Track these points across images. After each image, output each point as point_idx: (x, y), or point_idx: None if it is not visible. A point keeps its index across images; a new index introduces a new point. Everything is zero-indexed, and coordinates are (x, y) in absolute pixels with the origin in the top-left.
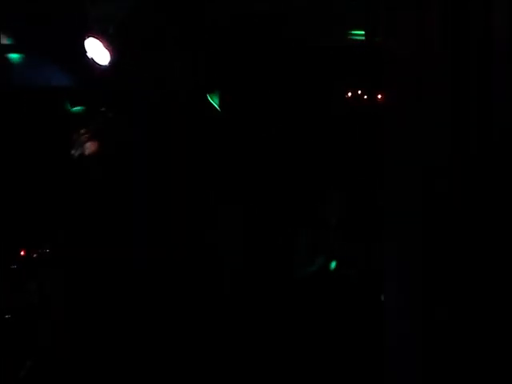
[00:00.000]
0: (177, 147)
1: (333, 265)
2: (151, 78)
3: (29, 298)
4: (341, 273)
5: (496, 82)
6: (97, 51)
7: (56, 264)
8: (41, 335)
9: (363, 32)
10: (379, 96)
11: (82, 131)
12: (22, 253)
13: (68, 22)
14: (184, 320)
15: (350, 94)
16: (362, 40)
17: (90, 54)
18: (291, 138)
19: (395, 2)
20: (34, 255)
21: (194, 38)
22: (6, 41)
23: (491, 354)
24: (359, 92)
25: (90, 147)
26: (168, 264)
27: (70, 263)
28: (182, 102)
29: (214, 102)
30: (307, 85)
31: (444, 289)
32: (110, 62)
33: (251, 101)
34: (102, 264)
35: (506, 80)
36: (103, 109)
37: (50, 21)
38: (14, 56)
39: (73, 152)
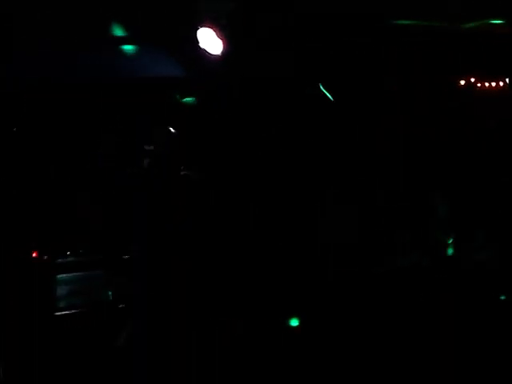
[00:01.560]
0: None
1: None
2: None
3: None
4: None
5: None
6: (209, 41)
7: None
8: None
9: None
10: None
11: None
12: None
13: (180, 11)
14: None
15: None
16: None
17: (202, 45)
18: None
19: None
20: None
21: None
22: (118, 32)
23: None
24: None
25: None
26: None
27: None
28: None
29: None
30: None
31: None
32: (222, 52)
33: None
34: None
35: None
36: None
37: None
38: (126, 47)
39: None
